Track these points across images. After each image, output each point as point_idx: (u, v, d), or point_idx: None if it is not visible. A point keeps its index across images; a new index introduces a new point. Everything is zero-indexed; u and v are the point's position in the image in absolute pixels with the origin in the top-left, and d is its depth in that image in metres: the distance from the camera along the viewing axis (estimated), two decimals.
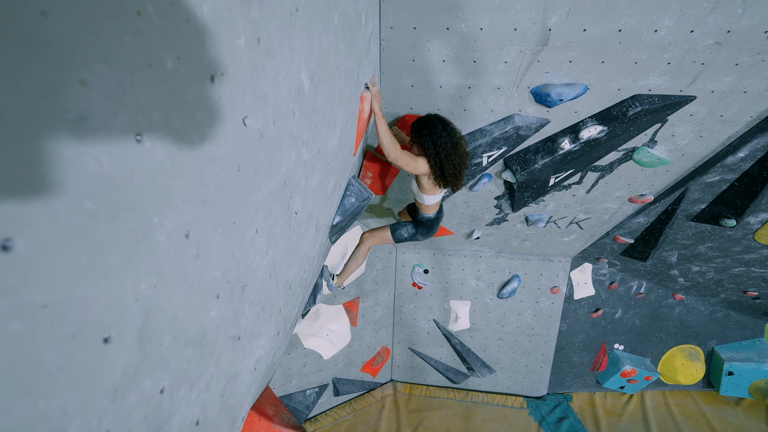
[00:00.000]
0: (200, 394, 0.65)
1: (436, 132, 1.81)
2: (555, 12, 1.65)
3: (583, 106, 2.10)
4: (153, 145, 0.43)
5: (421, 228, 2.26)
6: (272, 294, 0.92)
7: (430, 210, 2.19)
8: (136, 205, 0.42)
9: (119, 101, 0.37)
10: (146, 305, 0.47)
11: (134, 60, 0.39)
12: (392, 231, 2.28)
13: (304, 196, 1.05)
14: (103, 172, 0.37)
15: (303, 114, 0.92)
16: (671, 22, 1.65)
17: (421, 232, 2.27)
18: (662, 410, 4.09)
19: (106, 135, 0.36)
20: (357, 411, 4.07)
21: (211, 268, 0.61)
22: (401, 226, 2.28)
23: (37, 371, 0.34)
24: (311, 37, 0.89)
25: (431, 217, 2.24)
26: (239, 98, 0.61)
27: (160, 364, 0.52)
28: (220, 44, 0.53)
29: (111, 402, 0.44)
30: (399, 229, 2.28)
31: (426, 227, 2.26)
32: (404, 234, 2.27)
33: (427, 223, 2.25)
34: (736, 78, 1.87)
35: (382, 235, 2.30)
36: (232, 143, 0.60)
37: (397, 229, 2.28)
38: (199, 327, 0.61)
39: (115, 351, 0.43)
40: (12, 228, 0.29)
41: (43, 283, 0.33)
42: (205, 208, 0.56)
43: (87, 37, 0.33)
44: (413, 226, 2.27)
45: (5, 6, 0.27)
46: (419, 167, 1.87)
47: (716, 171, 2.39)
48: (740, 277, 3.41)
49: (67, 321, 0.36)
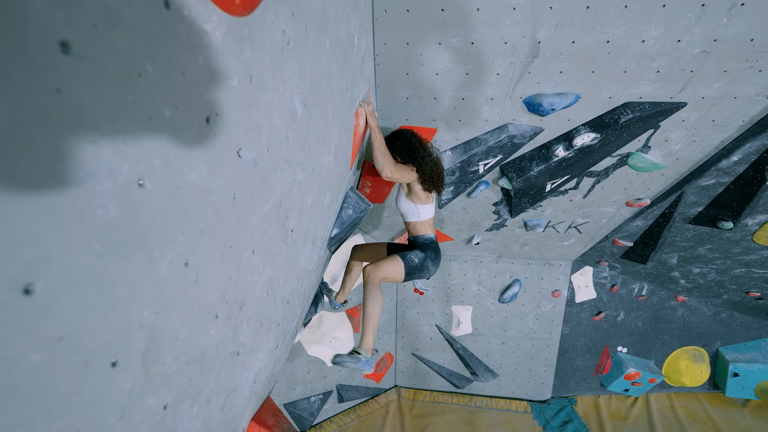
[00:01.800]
0: (201, 409, 0.70)
1: (406, 139, 1.98)
2: (543, 25, 1.69)
3: (576, 114, 2.14)
4: (153, 187, 0.48)
5: (429, 251, 2.02)
6: (270, 310, 0.97)
7: (428, 229, 2.09)
8: (139, 242, 0.47)
9: (123, 153, 0.42)
10: (149, 330, 0.51)
11: (136, 115, 0.43)
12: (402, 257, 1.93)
13: (300, 214, 1.10)
14: (110, 216, 0.42)
15: (296, 138, 0.97)
16: (658, 32, 1.68)
17: (429, 256, 2.00)
18: (668, 413, 4.08)
19: (112, 184, 0.41)
20: (361, 417, 4.10)
21: (210, 291, 0.66)
22: (407, 253, 1.98)
23: (54, 395, 0.39)
24: (303, 65, 0.94)
25: (433, 237, 2.10)
26: (233, 133, 0.66)
27: (163, 383, 0.56)
28: (214, 88, 0.58)
29: (119, 420, 0.49)
30: (408, 255, 1.97)
31: (433, 249, 2.04)
32: (415, 260, 1.95)
33: (432, 244, 2.06)
34: (726, 84, 1.90)
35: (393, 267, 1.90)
36: (227, 175, 0.65)
37: (406, 255, 1.95)
38: (199, 346, 0.66)
39: (122, 373, 0.48)
40: (33, 274, 0.34)
41: (59, 318, 0.37)
42: (203, 236, 0.61)
43: (95, 104, 0.38)
44: (419, 250, 2.02)
45: (26, 85, 0.32)
46: (411, 174, 1.95)
47: (711, 174, 2.41)
48: (742, 278, 3.41)
49: (80, 350, 0.41)
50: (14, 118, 0.31)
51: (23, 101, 0.32)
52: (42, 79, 0.33)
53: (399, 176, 1.87)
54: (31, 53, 0.32)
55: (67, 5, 0.34)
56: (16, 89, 0.31)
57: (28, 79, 0.32)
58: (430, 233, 2.10)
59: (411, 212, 2.09)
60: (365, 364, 1.69)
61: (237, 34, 0.62)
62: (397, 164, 1.89)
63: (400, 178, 1.88)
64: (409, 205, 2.08)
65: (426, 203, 2.07)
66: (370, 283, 1.82)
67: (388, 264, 1.88)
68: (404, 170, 1.91)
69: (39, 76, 0.32)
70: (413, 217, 2.10)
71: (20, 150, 0.32)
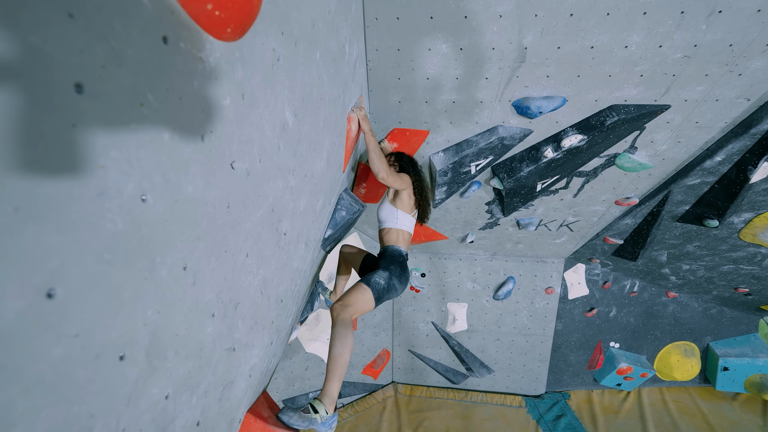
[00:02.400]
0: (200, 399, 0.76)
1: (413, 161, 2.21)
2: (529, 32, 1.75)
3: (564, 117, 2.20)
4: (155, 201, 0.54)
5: (393, 267, 1.87)
6: (264, 308, 1.03)
7: (401, 241, 2.00)
8: (142, 250, 0.53)
9: (128, 174, 0.48)
10: (152, 328, 0.58)
11: (139, 140, 0.50)
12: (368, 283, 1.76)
13: (293, 218, 1.16)
14: (117, 229, 0.48)
15: (288, 146, 1.03)
16: (640, 38, 1.74)
17: (394, 273, 1.85)
18: (659, 406, 4.16)
19: (119, 201, 0.47)
20: (359, 413, 4.17)
21: (206, 292, 0.72)
22: (371, 276, 1.81)
23: (72, 384, 0.45)
24: (293, 78, 1.00)
25: (402, 252, 1.97)
26: (227, 147, 0.72)
27: (165, 375, 0.63)
28: (208, 109, 0.64)
29: (126, 407, 0.55)
30: (373, 278, 1.79)
31: (398, 264, 1.90)
32: (381, 282, 1.79)
33: (399, 258, 1.93)
34: (708, 87, 1.96)
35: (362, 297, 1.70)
36: (221, 186, 0.71)
37: (371, 279, 1.78)
38: (197, 342, 0.72)
39: (128, 366, 0.54)
40: (54, 280, 0.40)
41: (76, 318, 0.44)
42: (200, 243, 0.67)
43: (104, 133, 0.44)
44: (382, 269, 1.85)
45: (48, 124, 0.38)
46: (405, 181, 2.02)
47: (696, 174, 2.47)
48: (730, 274, 3.48)
49: (93, 345, 0.47)
50: (38, 151, 0.37)
51: (45, 137, 0.38)
52: (60, 117, 0.39)
53: (393, 180, 1.94)
54: (51, 96, 0.38)
55: (81, 52, 0.40)
56: (40, 128, 0.37)
57: (49, 118, 0.38)
58: (401, 246, 1.98)
59: (390, 218, 2.03)
60: (322, 426, 1.30)
61: (229, 58, 0.68)
62: (394, 172, 1.97)
63: (394, 182, 1.95)
64: (391, 210, 2.04)
65: (408, 213, 2.04)
66: (340, 322, 1.53)
67: (355, 297, 1.67)
68: (399, 178, 1.98)
69: (58, 114, 0.38)
70: (391, 222, 2.02)
71: (42, 177, 0.38)
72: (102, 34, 0.42)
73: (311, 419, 1.27)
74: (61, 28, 0.37)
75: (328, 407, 1.33)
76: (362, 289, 1.73)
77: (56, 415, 0.43)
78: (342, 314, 1.56)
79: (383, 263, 1.91)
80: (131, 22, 0.45)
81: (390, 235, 2.02)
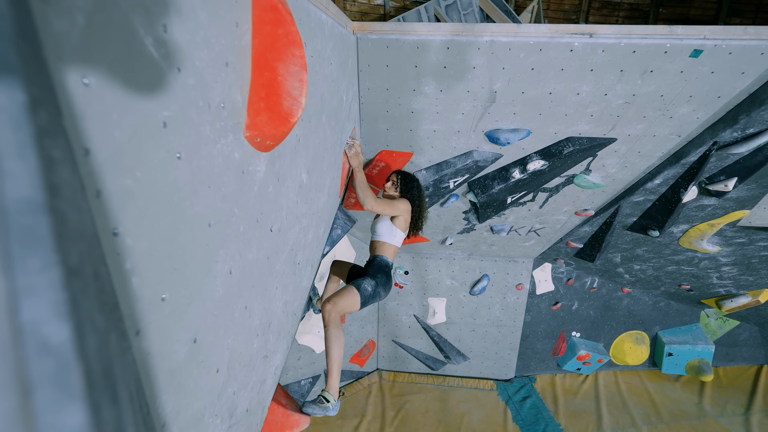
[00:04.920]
0: (248, 393, 1.07)
1: (420, 188, 2.38)
2: (498, 80, 2.07)
3: (529, 144, 2.54)
4: (234, 272, 0.84)
5: (380, 276, 2.11)
6: (285, 323, 1.34)
7: (391, 254, 2.24)
8: (229, 302, 0.83)
9: (222, 258, 0.78)
10: (231, 350, 0.88)
11: (232, 234, 0.79)
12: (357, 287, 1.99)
13: (304, 250, 1.47)
14: (219, 295, 0.78)
15: (303, 199, 1.33)
16: (589, 88, 2.08)
17: (380, 281, 2.09)
18: (612, 388, 4.72)
19: (222, 278, 0.77)
20: (346, 397, 4.56)
21: (255, 320, 1.03)
22: (361, 282, 2.04)
23: (183, 388, 0.75)
24: (307, 147, 1.29)
25: (389, 263, 2.21)
26: (268, 219, 1.01)
27: (234, 379, 0.94)
28: (261, 200, 0.93)
29: (217, 400, 0.86)
30: (362, 284, 2.03)
31: (384, 274, 2.14)
32: (368, 288, 2.02)
33: (386, 268, 2.16)
34: (646, 126, 2.33)
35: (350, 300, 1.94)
36: (265, 246, 1.01)
37: (360, 285, 2.01)
38: (249, 355, 1.03)
39: (220, 375, 0.85)
40: (165, 287, 0.70)
41: (187, 325, 0.74)
42: (254, 289, 0.97)
43: (223, 245, 0.74)
44: (370, 277, 2.09)
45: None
46: (399, 207, 2.20)
47: (641, 193, 2.88)
48: (674, 273, 3.98)
49: (201, 354, 0.77)
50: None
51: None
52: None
53: (382, 208, 2.12)
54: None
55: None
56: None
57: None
58: (390, 258, 2.23)
59: (387, 234, 2.25)
60: (334, 410, 1.74)
61: (272, 158, 0.98)
62: (381, 200, 2.14)
63: (382, 210, 2.13)
64: (390, 228, 2.25)
65: (403, 231, 2.30)
66: (331, 323, 1.81)
67: (345, 298, 1.91)
68: (389, 206, 2.16)
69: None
70: (386, 238, 2.25)
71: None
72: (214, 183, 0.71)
73: (326, 407, 1.72)
74: None
75: (334, 395, 1.77)
76: (352, 292, 1.96)
77: (183, 404, 0.74)
78: (332, 314, 1.83)
79: (371, 271, 2.15)
80: (228, 165, 0.75)
81: (383, 248, 2.24)
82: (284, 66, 0.81)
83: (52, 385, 0.17)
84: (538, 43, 1.87)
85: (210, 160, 0.66)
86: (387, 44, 1.90)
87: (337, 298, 1.90)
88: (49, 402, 0.17)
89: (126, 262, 0.48)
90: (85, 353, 0.19)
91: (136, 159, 0.48)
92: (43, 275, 0.18)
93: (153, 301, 0.55)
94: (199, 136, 0.62)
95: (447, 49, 1.90)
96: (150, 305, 0.55)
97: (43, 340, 0.17)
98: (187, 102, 0.57)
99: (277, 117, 0.83)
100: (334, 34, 1.41)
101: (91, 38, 0.39)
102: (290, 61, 0.81)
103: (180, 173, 0.58)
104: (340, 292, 1.95)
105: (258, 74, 0.78)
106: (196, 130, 0.61)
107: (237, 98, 0.73)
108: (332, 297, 1.91)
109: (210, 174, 0.67)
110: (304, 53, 0.83)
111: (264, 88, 0.79)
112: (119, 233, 0.46)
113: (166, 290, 0.59)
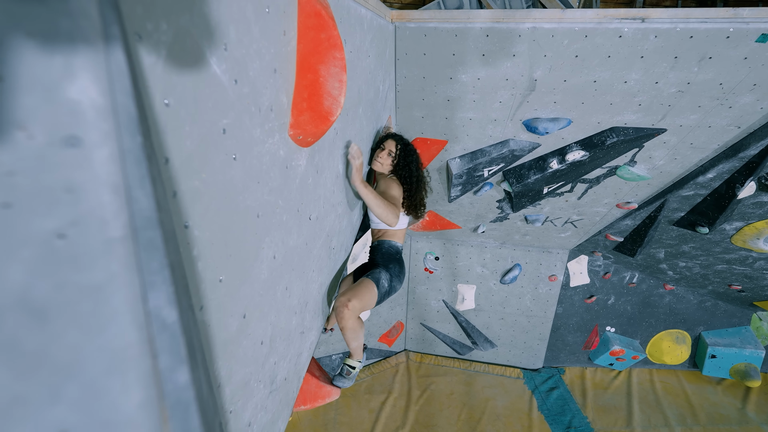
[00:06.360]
0: (286, 364, 1.19)
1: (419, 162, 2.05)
2: (539, 68, 2.01)
3: (569, 134, 2.46)
4: (280, 258, 0.93)
5: (392, 267, 1.89)
6: (320, 303, 1.45)
7: (398, 237, 2.03)
8: (274, 282, 0.93)
9: (267, 241, 0.87)
10: (272, 326, 0.99)
11: (276, 223, 0.88)
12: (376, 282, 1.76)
13: (339, 235, 1.55)
14: (264, 278, 0.87)
15: (339, 188, 1.40)
16: (638, 76, 1.98)
17: (393, 273, 1.88)
18: (646, 385, 4.57)
19: (269, 263, 0.87)
20: (374, 374, 4.76)
21: (294, 299, 1.13)
22: (378, 273, 1.82)
23: (240, 357, 0.86)
24: (344, 138, 1.36)
25: (399, 248, 2.02)
26: (307, 208, 1.10)
27: (275, 351, 1.05)
28: (302, 192, 1.01)
29: (261, 368, 0.97)
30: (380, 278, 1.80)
31: (397, 262, 1.93)
32: (385, 284, 1.80)
33: (396, 255, 1.97)
34: (700, 116, 2.18)
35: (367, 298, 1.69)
36: (305, 234, 1.10)
37: (378, 279, 1.79)
38: (288, 331, 1.14)
39: (264, 347, 0.95)
40: (222, 271, 0.81)
41: (238, 302, 0.84)
42: (294, 272, 1.07)
43: (269, 230, 0.82)
44: (383, 268, 1.86)
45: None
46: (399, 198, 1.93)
47: (690, 187, 2.71)
48: (724, 272, 3.74)
49: (248, 330, 0.88)
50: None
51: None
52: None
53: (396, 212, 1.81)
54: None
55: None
56: None
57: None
58: (397, 241, 2.02)
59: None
60: (359, 369, 1.85)
61: (312, 152, 1.05)
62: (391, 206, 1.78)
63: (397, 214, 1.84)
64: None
65: (405, 214, 2.02)
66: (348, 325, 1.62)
67: (362, 299, 1.64)
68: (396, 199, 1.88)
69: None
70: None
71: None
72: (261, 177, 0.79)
73: (353, 374, 1.86)
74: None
75: (358, 357, 1.87)
76: (369, 288, 1.71)
77: (234, 370, 0.85)
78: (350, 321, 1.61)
79: (382, 260, 1.91)
80: (274, 162, 0.83)
81: (387, 232, 2.01)
82: (326, 68, 0.86)
83: (169, 353, 0.24)
84: (583, 29, 1.79)
85: (259, 159, 0.74)
86: (425, 32, 1.90)
87: (355, 301, 1.60)
88: (167, 364, 0.24)
89: (194, 250, 0.57)
90: (185, 329, 0.26)
91: (203, 163, 0.56)
92: (160, 274, 0.25)
93: (213, 282, 0.65)
94: (251, 138, 0.69)
95: (486, 36, 1.87)
96: (211, 285, 0.64)
97: (162, 320, 0.24)
98: (242, 109, 0.65)
99: (318, 116, 0.89)
100: (373, 26, 1.43)
101: (171, 65, 0.46)
102: (331, 63, 0.87)
103: (235, 172, 0.66)
104: (355, 289, 1.66)
105: (302, 77, 0.84)
106: (248, 133, 0.68)
107: (283, 101, 0.80)
108: (347, 292, 1.63)
109: (259, 171, 0.75)
110: (344, 55, 0.88)
111: (307, 89, 0.86)
112: (189, 226, 0.55)
113: (223, 273, 0.68)
